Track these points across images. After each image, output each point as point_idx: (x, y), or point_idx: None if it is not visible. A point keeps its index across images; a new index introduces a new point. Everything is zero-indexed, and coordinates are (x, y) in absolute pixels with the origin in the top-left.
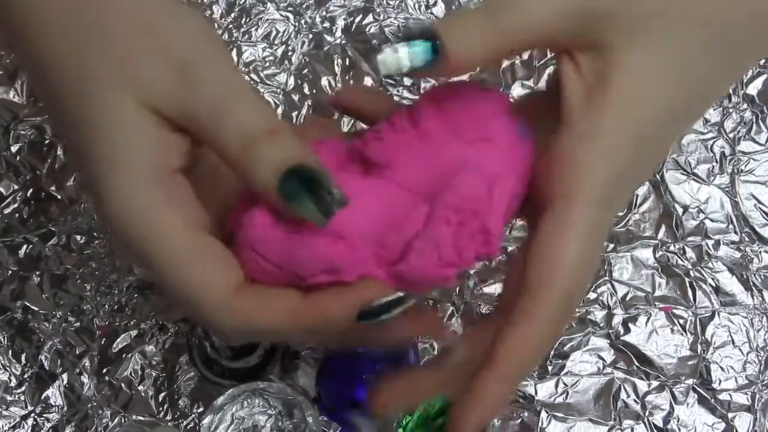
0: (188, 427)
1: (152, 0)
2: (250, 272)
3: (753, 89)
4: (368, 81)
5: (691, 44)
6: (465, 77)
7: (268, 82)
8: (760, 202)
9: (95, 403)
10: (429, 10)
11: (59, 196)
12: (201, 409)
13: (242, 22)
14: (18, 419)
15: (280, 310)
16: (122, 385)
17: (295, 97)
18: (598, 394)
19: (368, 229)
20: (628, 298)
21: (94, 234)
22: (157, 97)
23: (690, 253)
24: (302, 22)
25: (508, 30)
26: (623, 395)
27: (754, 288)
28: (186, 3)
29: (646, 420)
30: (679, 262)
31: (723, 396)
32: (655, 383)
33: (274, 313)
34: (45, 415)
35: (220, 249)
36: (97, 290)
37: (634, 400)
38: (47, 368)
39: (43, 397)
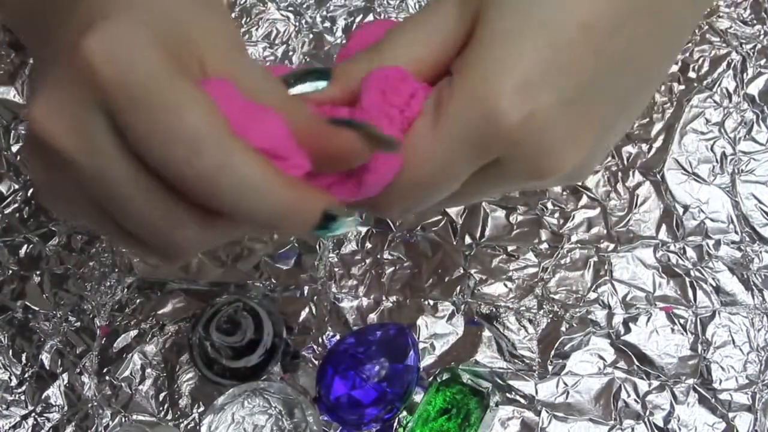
0: (189, 427)
1: None
2: None
3: (754, 89)
4: None
5: None
6: None
7: None
8: (760, 202)
9: (95, 403)
10: None
11: None
12: (201, 409)
13: (243, 21)
14: (18, 419)
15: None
16: (122, 384)
17: None
18: (598, 394)
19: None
20: (628, 298)
21: (95, 234)
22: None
23: (690, 253)
24: (303, 21)
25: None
26: (624, 395)
27: (754, 288)
28: None
29: (646, 420)
30: (680, 261)
31: (723, 396)
32: (655, 383)
33: (264, 164)
34: (45, 415)
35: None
36: (98, 290)
37: (635, 400)
38: (48, 368)
39: (43, 397)
